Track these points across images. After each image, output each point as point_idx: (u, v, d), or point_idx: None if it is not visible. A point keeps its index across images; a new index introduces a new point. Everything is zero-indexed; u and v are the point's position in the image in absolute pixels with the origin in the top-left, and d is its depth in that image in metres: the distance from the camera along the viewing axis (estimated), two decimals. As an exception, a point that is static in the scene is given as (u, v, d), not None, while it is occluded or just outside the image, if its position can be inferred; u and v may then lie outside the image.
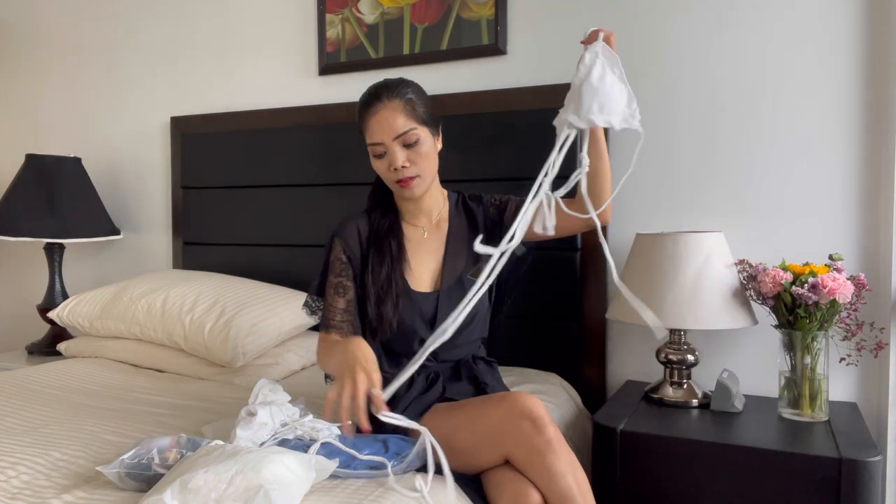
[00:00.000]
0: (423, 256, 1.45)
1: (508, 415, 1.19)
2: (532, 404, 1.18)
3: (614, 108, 1.19)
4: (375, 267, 1.41)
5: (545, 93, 1.94)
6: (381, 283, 1.39)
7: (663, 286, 1.60)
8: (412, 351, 1.36)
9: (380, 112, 1.33)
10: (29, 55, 2.90)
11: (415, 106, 1.35)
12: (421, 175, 1.37)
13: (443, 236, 1.48)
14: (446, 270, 1.45)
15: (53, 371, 1.94)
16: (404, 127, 1.33)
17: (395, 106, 1.32)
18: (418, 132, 1.34)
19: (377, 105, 1.34)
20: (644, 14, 1.89)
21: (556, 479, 1.15)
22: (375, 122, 1.34)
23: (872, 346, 1.58)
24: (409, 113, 1.33)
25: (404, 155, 1.34)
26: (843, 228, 1.71)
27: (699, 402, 1.62)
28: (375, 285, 1.40)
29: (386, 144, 1.34)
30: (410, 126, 1.33)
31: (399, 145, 1.34)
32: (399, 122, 1.32)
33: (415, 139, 1.33)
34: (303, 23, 2.34)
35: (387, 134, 1.33)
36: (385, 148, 1.35)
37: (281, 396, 1.33)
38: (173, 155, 2.56)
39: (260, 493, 0.95)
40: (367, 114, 1.35)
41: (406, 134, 1.33)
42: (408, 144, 1.34)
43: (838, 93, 1.71)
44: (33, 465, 1.21)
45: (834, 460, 1.29)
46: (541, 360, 1.92)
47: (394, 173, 1.36)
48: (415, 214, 1.47)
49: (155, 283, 2.16)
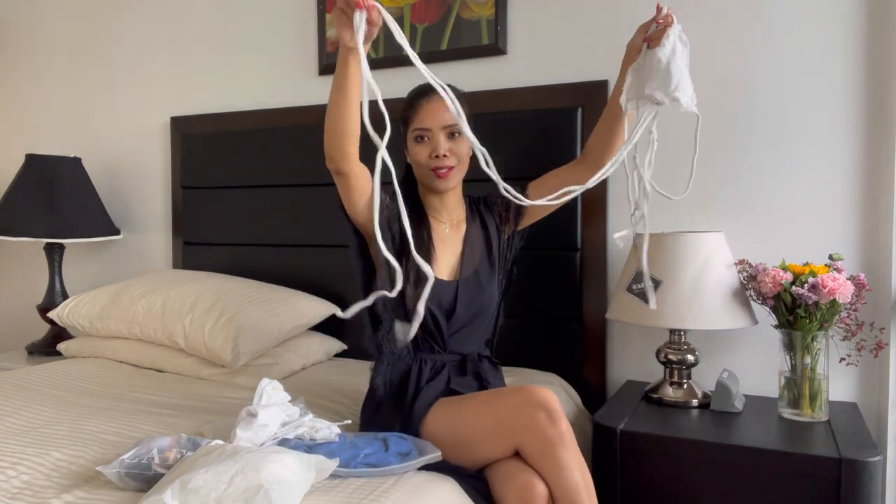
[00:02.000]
0: (443, 250, 1.49)
1: (524, 405, 1.21)
2: (548, 397, 1.21)
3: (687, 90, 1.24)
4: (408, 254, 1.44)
5: (545, 93, 1.95)
6: (416, 268, 1.42)
7: (663, 286, 1.60)
8: (423, 334, 1.43)
9: (434, 102, 1.41)
10: (28, 55, 2.90)
11: (464, 104, 1.41)
12: (457, 168, 1.44)
13: (461, 235, 1.53)
14: (465, 263, 1.50)
15: (53, 371, 1.94)
16: (453, 119, 1.39)
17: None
18: (463, 128, 1.40)
19: (433, 95, 1.41)
20: (644, 14, 1.89)
21: (565, 473, 1.17)
22: (429, 109, 1.42)
23: (872, 346, 1.58)
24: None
25: (448, 145, 1.42)
26: (843, 228, 1.71)
27: (699, 402, 1.62)
28: (412, 270, 1.43)
29: (433, 131, 1.42)
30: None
31: (445, 135, 1.42)
32: (449, 114, 1.38)
33: (459, 132, 1.42)
34: (303, 23, 2.34)
35: (437, 121, 1.41)
36: (431, 134, 1.42)
37: (281, 396, 1.33)
38: (173, 155, 2.56)
39: (260, 493, 0.95)
40: (421, 101, 1.43)
41: (453, 126, 1.41)
42: (451, 135, 1.42)
43: (838, 93, 1.70)
44: (33, 465, 1.21)
45: (834, 460, 1.29)
46: (541, 360, 1.92)
47: (434, 160, 1.42)
48: (438, 210, 1.52)
49: (155, 283, 2.16)
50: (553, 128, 1.92)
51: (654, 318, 1.60)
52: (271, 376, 1.87)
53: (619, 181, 1.91)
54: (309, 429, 1.25)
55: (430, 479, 1.19)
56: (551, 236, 1.90)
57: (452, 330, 1.44)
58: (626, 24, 1.91)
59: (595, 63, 1.93)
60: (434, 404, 1.35)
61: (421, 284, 1.41)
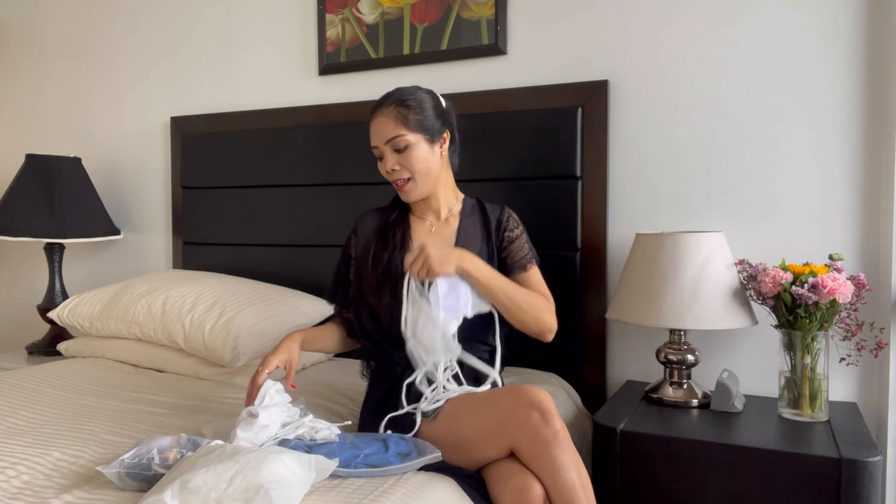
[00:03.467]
0: (432, 240, 1.49)
1: (517, 405, 1.21)
2: (541, 396, 1.21)
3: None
4: (378, 254, 1.47)
5: (545, 93, 1.95)
6: (382, 270, 1.45)
7: (663, 286, 1.60)
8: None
9: (376, 118, 1.45)
10: (29, 55, 2.90)
11: (408, 114, 1.43)
12: (414, 179, 1.45)
13: (452, 231, 1.52)
14: None
15: (53, 371, 1.94)
16: (392, 133, 1.43)
17: (389, 113, 1.44)
18: (408, 138, 1.43)
19: (376, 112, 1.46)
20: (643, 14, 1.89)
21: (561, 472, 1.16)
22: (372, 128, 1.47)
23: (872, 346, 1.58)
24: (401, 120, 1.43)
25: (395, 159, 1.44)
26: (843, 228, 1.71)
27: (699, 402, 1.62)
28: (376, 271, 1.45)
29: (381, 148, 1.46)
30: (399, 132, 1.43)
31: (390, 150, 1.44)
32: (388, 128, 1.43)
33: (404, 145, 1.43)
34: (303, 23, 2.34)
35: (379, 139, 1.45)
36: (380, 152, 1.46)
37: (282, 397, 1.33)
38: (173, 155, 2.56)
39: (260, 493, 0.95)
40: (370, 120, 1.48)
41: (395, 140, 1.43)
42: (398, 149, 1.44)
43: (838, 92, 1.70)
44: (33, 465, 1.21)
45: (834, 460, 1.29)
46: (541, 360, 1.92)
47: (388, 175, 1.47)
48: (423, 210, 1.54)
49: (155, 283, 2.16)
50: (553, 128, 1.92)
51: (654, 318, 1.60)
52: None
53: (619, 181, 1.91)
54: (309, 429, 1.25)
55: (430, 479, 1.19)
56: (551, 236, 1.90)
57: None
58: (626, 24, 1.91)
59: (595, 63, 1.93)
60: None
61: (381, 318, 1.45)
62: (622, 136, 1.91)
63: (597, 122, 1.89)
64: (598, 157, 1.89)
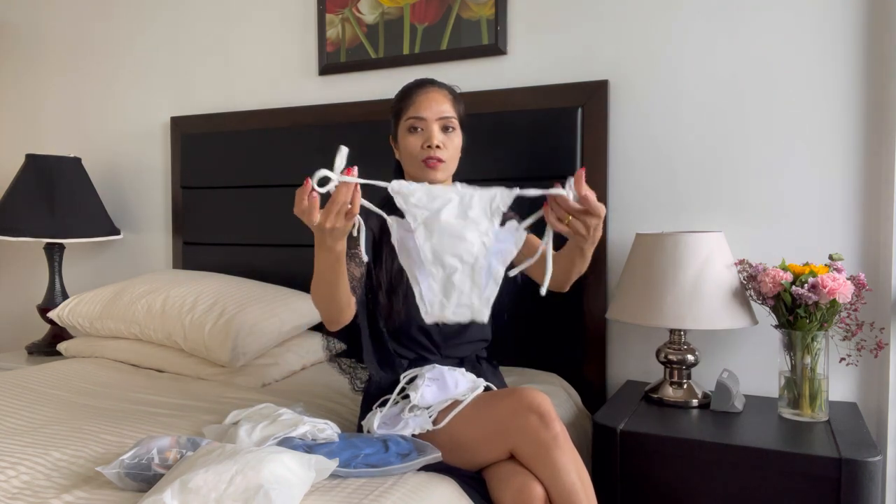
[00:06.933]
0: None
1: (516, 408, 1.21)
2: (540, 399, 1.20)
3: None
4: (388, 258, 1.44)
5: (545, 93, 1.95)
6: (393, 274, 1.43)
7: (663, 286, 1.60)
8: (412, 336, 1.44)
9: (431, 93, 1.43)
10: (30, 56, 2.90)
11: (458, 102, 1.46)
12: (447, 162, 1.44)
13: None
14: None
15: (53, 371, 1.94)
16: (449, 112, 1.43)
17: (446, 93, 1.45)
18: (456, 123, 1.45)
19: (430, 87, 1.45)
20: (644, 14, 1.89)
21: (561, 474, 1.16)
22: (425, 99, 1.42)
23: (872, 346, 1.58)
24: (454, 105, 1.45)
25: (442, 137, 1.42)
26: (843, 228, 1.71)
27: (699, 402, 1.62)
28: (388, 275, 1.44)
29: (428, 121, 1.42)
30: (453, 114, 1.44)
31: (439, 127, 1.42)
32: (445, 105, 1.43)
33: (453, 126, 1.43)
34: (303, 23, 2.34)
35: (433, 112, 1.42)
36: (425, 125, 1.42)
37: (286, 417, 1.32)
38: (173, 155, 2.56)
39: (260, 493, 0.95)
40: (418, 91, 1.44)
41: (448, 119, 1.43)
42: (445, 129, 1.43)
43: (838, 93, 1.70)
44: (33, 465, 1.21)
45: (834, 460, 1.29)
46: (541, 360, 1.92)
47: (426, 151, 1.42)
48: None
49: (155, 283, 2.16)
50: (553, 128, 1.92)
51: (654, 318, 1.60)
52: (271, 376, 1.89)
53: (619, 181, 1.91)
54: (310, 429, 1.25)
55: (430, 479, 1.19)
56: (551, 236, 1.90)
57: (447, 332, 1.44)
58: (626, 25, 1.91)
59: (595, 63, 1.93)
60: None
61: (395, 292, 1.42)
62: (622, 136, 1.91)
63: (597, 122, 1.89)
64: (599, 157, 1.89)
